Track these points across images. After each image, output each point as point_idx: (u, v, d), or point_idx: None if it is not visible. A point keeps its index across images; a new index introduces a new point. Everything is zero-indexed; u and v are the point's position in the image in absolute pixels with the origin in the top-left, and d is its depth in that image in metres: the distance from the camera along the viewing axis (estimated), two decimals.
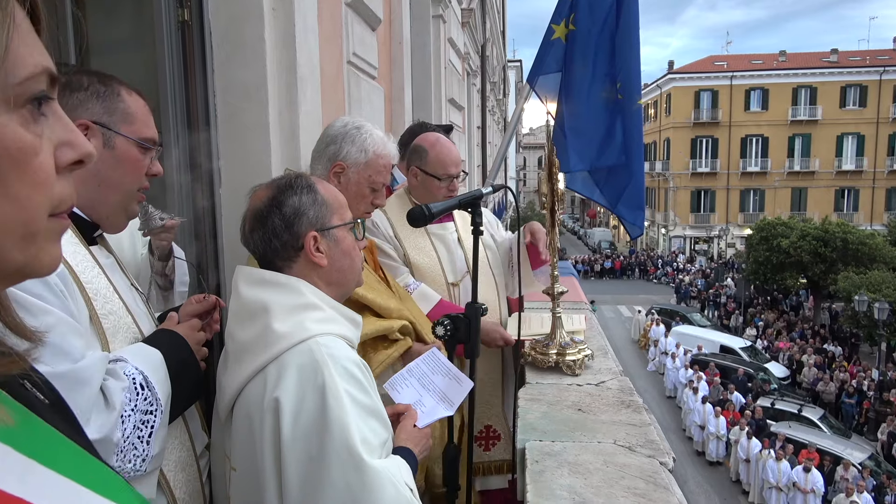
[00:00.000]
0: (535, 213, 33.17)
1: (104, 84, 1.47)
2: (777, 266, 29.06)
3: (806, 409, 18.61)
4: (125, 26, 3.02)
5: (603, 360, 2.46)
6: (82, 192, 1.43)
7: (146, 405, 1.36)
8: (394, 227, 2.58)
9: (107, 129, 1.45)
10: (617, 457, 1.68)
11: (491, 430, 2.76)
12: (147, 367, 1.40)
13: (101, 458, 1.11)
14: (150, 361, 1.42)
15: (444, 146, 2.73)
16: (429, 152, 2.69)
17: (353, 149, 2.13)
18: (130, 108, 1.50)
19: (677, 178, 48.43)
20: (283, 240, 1.50)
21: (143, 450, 1.34)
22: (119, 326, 1.45)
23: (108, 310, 1.42)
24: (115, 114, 1.47)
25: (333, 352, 1.40)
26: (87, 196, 1.45)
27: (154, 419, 1.37)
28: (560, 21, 4.77)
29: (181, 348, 1.52)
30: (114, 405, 1.29)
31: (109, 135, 1.46)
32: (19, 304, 1.17)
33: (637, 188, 4.87)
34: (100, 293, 1.41)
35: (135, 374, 1.37)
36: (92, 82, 1.46)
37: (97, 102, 1.45)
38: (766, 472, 14.82)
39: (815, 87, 45.56)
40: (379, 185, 2.13)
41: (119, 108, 1.48)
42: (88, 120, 1.42)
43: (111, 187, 1.48)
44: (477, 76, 13.35)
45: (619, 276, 45.02)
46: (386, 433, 1.47)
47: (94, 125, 1.43)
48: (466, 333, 1.94)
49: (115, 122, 1.46)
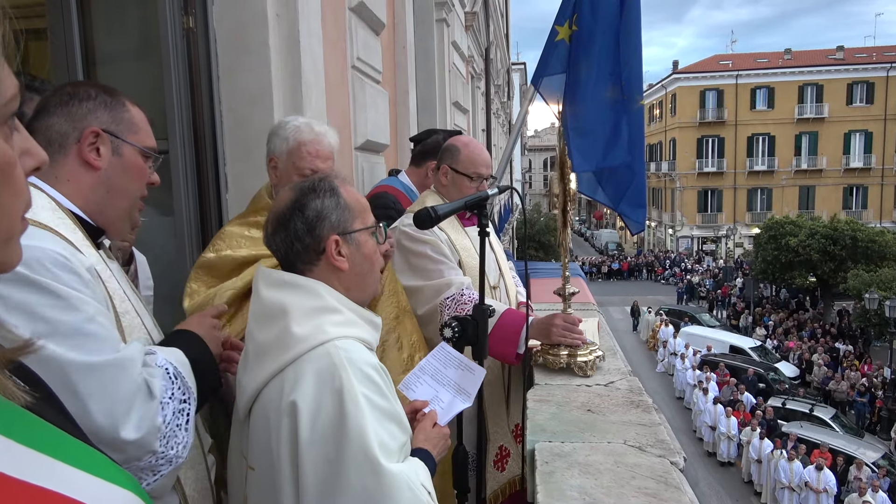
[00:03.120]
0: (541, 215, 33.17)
1: (110, 95, 1.52)
2: (786, 265, 28.93)
3: (818, 408, 18.49)
4: (130, 35, 3.04)
5: (612, 361, 2.45)
6: (91, 199, 1.48)
7: (181, 394, 1.42)
8: (443, 227, 2.59)
9: (115, 138, 1.49)
10: (627, 457, 1.67)
11: (503, 448, 2.75)
12: (176, 361, 1.45)
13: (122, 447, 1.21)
14: (176, 357, 1.47)
15: (476, 146, 2.77)
16: (461, 151, 2.71)
17: (278, 140, 2.20)
18: (135, 118, 1.54)
19: (684, 179, 48.30)
20: (304, 243, 1.51)
21: (182, 437, 1.38)
22: (134, 326, 1.50)
23: (125, 309, 1.47)
24: (121, 123, 1.51)
25: (352, 355, 1.41)
26: (96, 202, 1.49)
27: (189, 407, 1.42)
28: (564, 22, 4.77)
29: (200, 349, 1.56)
30: (154, 392, 1.34)
31: (118, 143, 1.50)
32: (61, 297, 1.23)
33: (639, 187, 4.87)
34: (116, 293, 1.46)
35: (167, 365, 1.42)
36: (99, 93, 1.51)
37: (105, 112, 1.49)
38: (778, 472, 14.73)
39: (822, 84, 45.37)
40: (306, 171, 2.13)
41: (125, 117, 1.52)
42: (99, 128, 1.47)
43: (118, 194, 1.52)
44: (481, 79, 13.36)
45: (626, 277, 44.91)
46: (404, 436, 1.46)
47: (104, 133, 1.47)
48: (474, 335, 1.94)
49: (122, 130, 1.51)
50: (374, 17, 4.44)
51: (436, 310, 2.50)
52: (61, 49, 2.92)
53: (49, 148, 1.42)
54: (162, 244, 3.03)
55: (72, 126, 1.46)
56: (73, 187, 1.46)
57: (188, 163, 2.94)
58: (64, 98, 1.47)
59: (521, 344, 2.38)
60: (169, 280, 2.95)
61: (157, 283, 3.00)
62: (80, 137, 1.45)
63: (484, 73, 13.43)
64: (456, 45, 8.60)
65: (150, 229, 3.08)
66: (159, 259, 3.07)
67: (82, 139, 1.45)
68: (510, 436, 2.79)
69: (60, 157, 1.45)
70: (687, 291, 36.93)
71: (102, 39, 3.02)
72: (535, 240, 29.89)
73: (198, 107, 2.93)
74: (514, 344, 2.36)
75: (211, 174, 2.99)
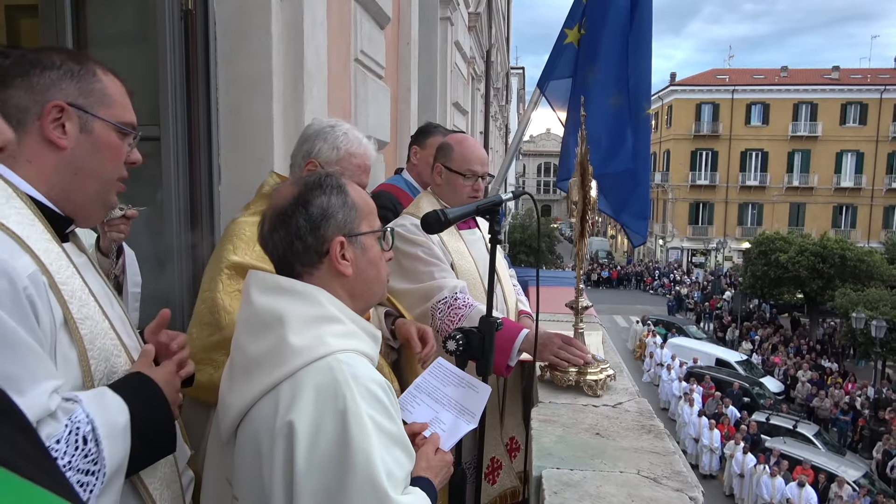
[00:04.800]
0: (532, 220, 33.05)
1: (78, 63, 1.31)
2: (775, 280, 29.05)
3: (801, 425, 18.52)
4: (126, 16, 2.89)
5: (619, 380, 2.33)
6: (56, 182, 1.29)
7: (87, 464, 1.15)
8: None
9: (83, 112, 1.30)
10: (642, 489, 1.55)
11: (495, 460, 2.63)
12: (101, 418, 1.18)
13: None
14: (108, 412, 1.20)
15: (469, 143, 2.66)
16: (454, 149, 2.60)
17: (326, 146, 2.05)
18: (108, 89, 1.34)
19: (676, 190, 48.43)
20: (306, 243, 1.35)
21: None
22: (97, 332, 1.29)
23: (85, 314, 1.27)
24: (91, 95, 1.31)
25: (356, 371, 1.26)
26: (62, 186, 1.30)
27: (94, 482, 1.15)
28: (573, 25, 4.67)
29: (154, 401, 1.31)
30: None
31: (86, 118, 1.30)
32: None
33: (642, 197, 4.76)
34: (75, 296, 1.25)
35: (81, 424, 1.15)
36: (64, 60, 1.30)
37: (72, 83, 1.29)
38: (761, 487, 14.72)
39: (816, 103, 45.62)
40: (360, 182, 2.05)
41: (96, 88, 1.32)
42: (63, 102, 1.27)
43: (88, 176, 1.32)
44: (481, 81, 13.25)
45: (615, 285, 44.94)
46: (410, 464, 1.32)
47: (70, 107, 1.28)
48: (480, 349, 1.81)
49: (91, 104, 1.31)
50: (380, 10, 4.31)
51: (427, 314, 2.40)
52: (51, 26, 2.77)
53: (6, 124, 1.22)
54: (149, 237, 2.88)
55: (32, 99, 1.25)
56: (34, 169, 1.27)
57: (180, 151, 2.79)
58: (25, 67, 1.26)
59: (514, 356, 2.29)
60: (154, 276, 2.80)
61: (144, 278, 2.85)
62: (41, 112, 1.25)
63: (484, 76, 13.32)
64: (459, 45, 8.48)
65: (135, 221, 2.94)
66: (144, 253, 2.92)
67: (44, 114, 1.25)
68: (503, 448, 2.68)
69: (20, 134, 1.25)
70: (675, 302, 37.01)
71: (96, 18, 2.86)
72: (527, 244, 29.76)
73: (193, 92, 2.78)
74: (506, 355, 2.26)
75: (204, 164, 2.85)
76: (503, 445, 2.69)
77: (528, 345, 2.24)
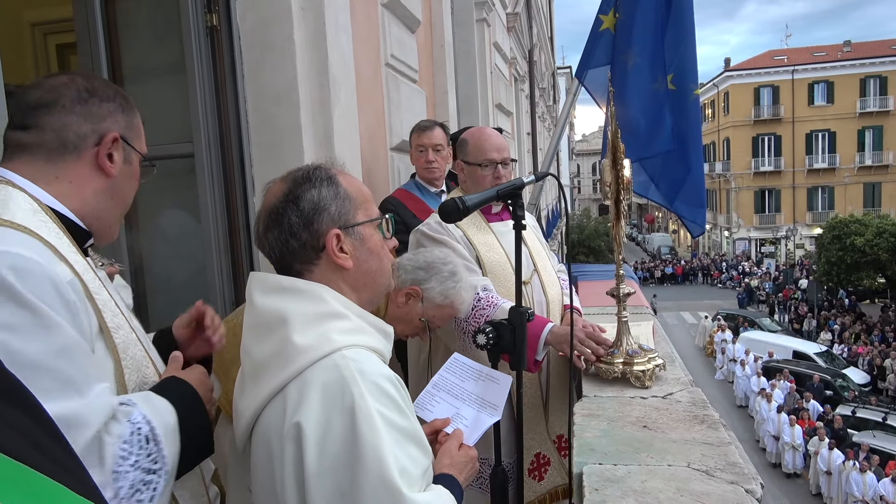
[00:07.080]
0: (590, 220, 32.44)
1: (124, 98, 1.41)
2: (851, 266, 27.56)
3: (892, 417, 17.41)
4: (154, 36, 2.94)
5: (670, 369, 2.20)
6: (91, 203, 1.34)
7: (150, 463, 1.18)
8: (460, 225, 2.45)
9: (127, 145, 1.39)
10: (692, 483, 1.43)
11: (541, 456, 2.53)
12: (156, 419, 1.22)
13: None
14: (160, 413, 1.24)
15: (483, 133, 2.62)
16: (469, 142, 2.59)
17: (438, 288, 2.06)
18: (139, 124, 1.44)
19: (739, 179, 46.70)
20: (301, 239, 1.31)
21: None
22: (129, 342, 1.32)
23: (117, 323, 1.29)
24: (132, 128, 1.41)
25: (363, 366, 1.21)
26: (96, 206, 1.35)
27: (158, 480, 1.19)
28: (608, 10, 4.52)
29: (193, 403, 1.34)
30: (105, 461, 1.12)
31: (128, 150, 1.39)
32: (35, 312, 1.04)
33: (696, 183, 4.54)
34: (107, 305, 1.28)
35: (141, 424, 1.19)
36: (116, 94, 1.39)
37: (122, 116, 1.38)
38: (850, 484, 13.90)
39: (885, 76, 43.17)
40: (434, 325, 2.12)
41: (135, 123, 1.42)
42: (118, 133, 1.35)
43: (120, 200, 1.41)
44: (525, 82, 13.13)
45: (680, 281, 43.62)
46: (426, 460, 1.26)
47: (120, 140, 1.36)
48: (511, 342, 1.73)
49: (132, 137, 1.40)
50: (409, 13, 4.29)
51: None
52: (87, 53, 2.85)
53: (60, 149, 1.29)
54: (191, 252, 2.92)
55: (91, 128, 1.32)
56: (72, 188, 1.31)
57: (214, 167, 2.82)
58: (83, 95, 1.32)
59: (540, 351, 2.21)
60: (197, 290, 2.84)
61: (185, 292, 2.90)
62: (98, 141, 1.32)
63: (528, 76, 13.19)
64: (498, 46, 8.41)
65: (178, 237, 2.98)
66: (188, 267, 2.97)
67: (102, 144, 1.32)
68: (549, 443, 2.58)
69: (71, 159, 1.30)
70: (746, 295, 35.58)
71: (126, 44, 2.93)
72: (585, 245, 29.17)
73: (223, 108, 2.81)
74: (532, 349, 2.18)
75: (238, 178, 2.87)
76: (550, 441, 2.58)
77: (554, 338, 2.17)
